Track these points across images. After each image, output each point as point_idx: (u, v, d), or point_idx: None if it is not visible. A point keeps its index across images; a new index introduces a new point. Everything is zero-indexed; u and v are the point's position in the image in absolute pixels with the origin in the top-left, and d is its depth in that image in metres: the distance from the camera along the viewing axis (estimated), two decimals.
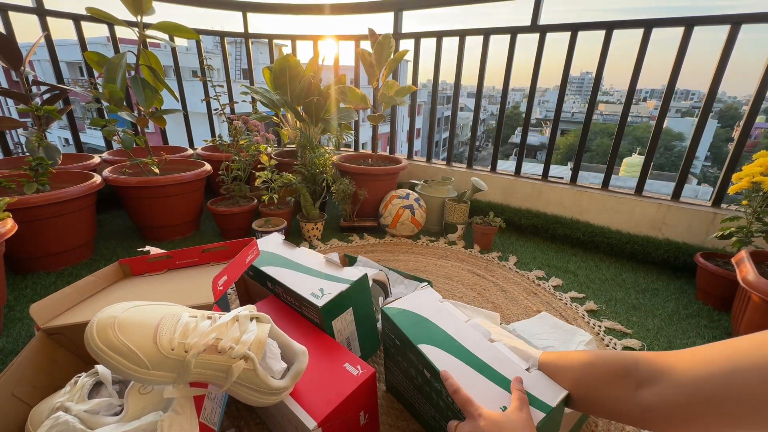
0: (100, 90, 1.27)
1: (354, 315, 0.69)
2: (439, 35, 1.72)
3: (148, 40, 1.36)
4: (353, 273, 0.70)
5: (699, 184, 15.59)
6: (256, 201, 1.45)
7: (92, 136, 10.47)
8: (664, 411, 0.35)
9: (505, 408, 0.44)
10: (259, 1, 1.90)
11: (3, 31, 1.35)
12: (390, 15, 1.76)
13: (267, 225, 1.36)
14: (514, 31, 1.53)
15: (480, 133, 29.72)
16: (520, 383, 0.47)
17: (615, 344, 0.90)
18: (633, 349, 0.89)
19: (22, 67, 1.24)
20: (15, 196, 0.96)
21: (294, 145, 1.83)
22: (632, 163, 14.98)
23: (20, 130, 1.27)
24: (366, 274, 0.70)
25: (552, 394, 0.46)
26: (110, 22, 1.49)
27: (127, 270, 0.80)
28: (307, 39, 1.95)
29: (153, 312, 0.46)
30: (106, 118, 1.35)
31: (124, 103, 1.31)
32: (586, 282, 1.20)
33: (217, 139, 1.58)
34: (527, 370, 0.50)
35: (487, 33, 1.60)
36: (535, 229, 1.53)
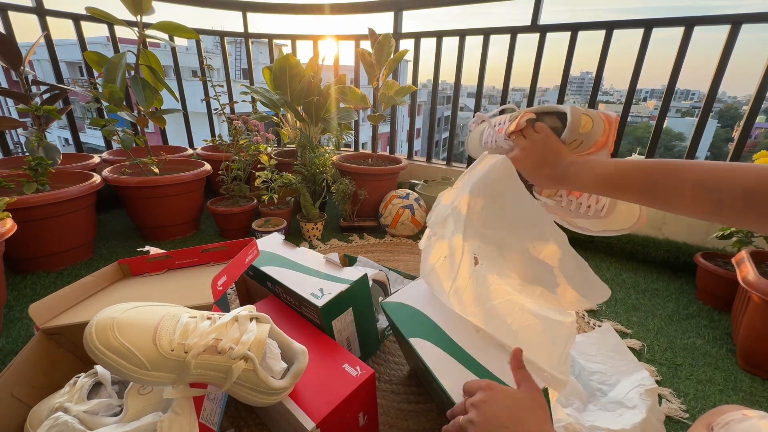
0: (100, 90, 1.27)
1: (354, 315, 0.69)
2: (439, 35, 1.72)
3: (148, 39, 1.36)
4: (353, 273, 0.70)
5: None
6: (256, 201, 1.45)
7: (92, 136, 10.47)
8: None
9: None
10: (259, 1, 1.90)
11: (3, 31, 1.35)
12: (390, 15, 1.76)
13: (267, 225, 1.36)
14: (514, 31, 1.53)
15: None
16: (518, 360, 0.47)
17: None
18: (633, 350, 0.89)
19: (22, 67, 1.24)
20: (15, 196, 0.96)
21: (294, 145, 1.83)
22: None
23: (20, 130, 1.27)
24: (366, 274, 0.70)
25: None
26: (110, 21, 1.49)
27: (127, 270, 0.80)
28: (307, 39, 1.95)
29: (152, 313, 0.46)
30: (106, 118, 1.35)
31: (124, 103, 1.31)
32: None
33: (217, 139, 1.58)
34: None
35: (487, 33, 1.60)
36: None
